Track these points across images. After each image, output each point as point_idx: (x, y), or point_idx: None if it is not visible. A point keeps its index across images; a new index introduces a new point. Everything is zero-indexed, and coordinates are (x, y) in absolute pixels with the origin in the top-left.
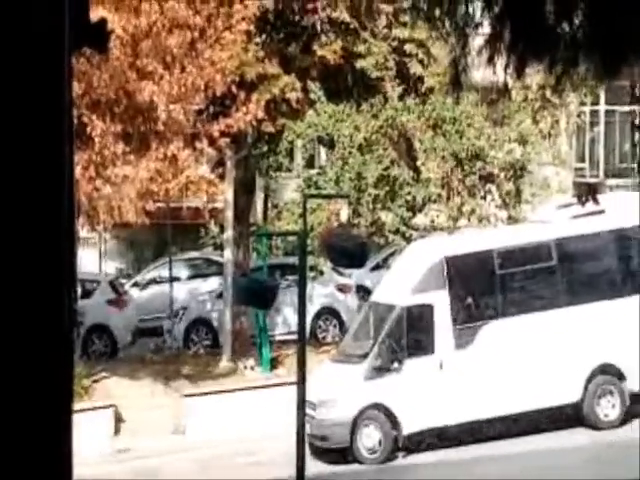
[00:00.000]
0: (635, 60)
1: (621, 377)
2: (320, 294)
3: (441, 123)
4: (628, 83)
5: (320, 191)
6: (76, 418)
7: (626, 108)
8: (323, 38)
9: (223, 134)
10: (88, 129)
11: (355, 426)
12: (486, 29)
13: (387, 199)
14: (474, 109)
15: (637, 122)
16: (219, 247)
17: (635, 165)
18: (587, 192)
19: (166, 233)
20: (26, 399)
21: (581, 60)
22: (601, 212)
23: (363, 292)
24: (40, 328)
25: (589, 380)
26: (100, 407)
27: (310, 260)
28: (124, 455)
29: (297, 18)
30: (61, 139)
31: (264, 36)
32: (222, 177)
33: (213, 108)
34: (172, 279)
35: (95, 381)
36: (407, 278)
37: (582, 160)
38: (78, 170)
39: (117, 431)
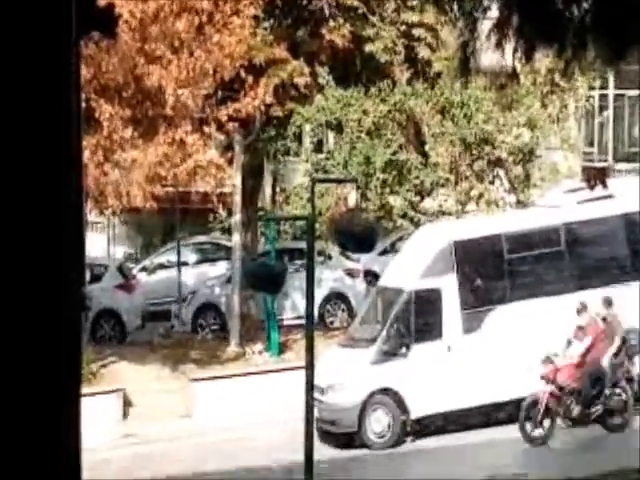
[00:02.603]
0: None
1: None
2: (328, 278)
3: (449, 107)
4: (637, 67)
5: (328, 175)
6: (84, 403)
7: (635, 92)
8: (331, 22)
9: (231, 119)
10: (96, 114)
11: (363, 410)
12: (494, 13)
13: (395, 183)
14: (482, 93)
15: None
16: (227, 231)
17: None
18: (596, 176)
19: (174, 217)
20: (35, 383)
21: (590, 44)
22: (609, 197)
23: (371, 277)
24: (49, 312)
25: None
26: (109, 391)
27: (318, 244)
28: (132, 439)
29: (305, 2)
30: (69, 124)
31: (272, 20)
32: (230, 162)
33: (221, 92)
34: (180, 264)
35: (103, 366)
36: (415, 262)
37: (591, 144)
38: (86, 154)
39: (125, 415)
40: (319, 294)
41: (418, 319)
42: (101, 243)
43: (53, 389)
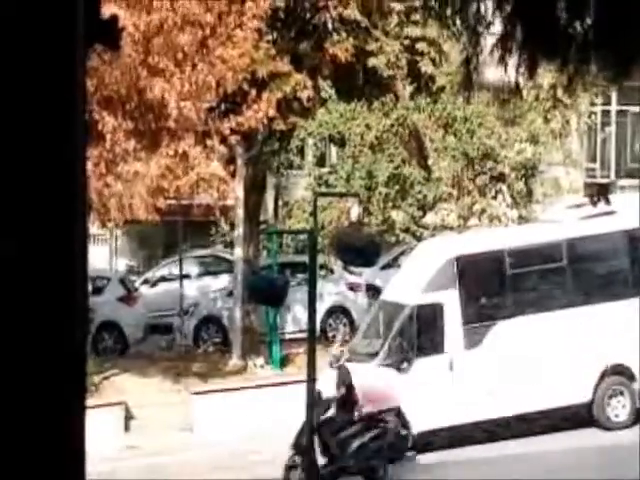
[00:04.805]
0: None
1: (632, 378)
2: (330, 292)
3: (452, 122)
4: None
5: (331, 189)
6: (86, 415)
7: (637, 108)
8: (334, 36)
9: (234, 132)
10: (99, 126)
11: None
12: (497, 28)
13: (398, 198)
14: (485, 108)
15: None
16: (229, 245)
17: None
18: (598, 192)
19: (177, 230)
20: (39, 394)
21: (593, 60)
22: (612, 212)
23: (373, 291)
24: (53, 324)
25: (600, 380)
26: (110, 404)
27: (320, 258)
28: (133, 452)
29: (308, 16)
30: (75, 136)
31: (275, 34)
32: (233, 174)
33: (224, 106)
34: (182, 276)
35: (105, 378)
36: (417, 277)
37: (593, 160)
38: (89, 166)
39: (127, 428)
40: (321, 308)
41: (420, 334)
42: (103, 255)
43: (57, 401)
